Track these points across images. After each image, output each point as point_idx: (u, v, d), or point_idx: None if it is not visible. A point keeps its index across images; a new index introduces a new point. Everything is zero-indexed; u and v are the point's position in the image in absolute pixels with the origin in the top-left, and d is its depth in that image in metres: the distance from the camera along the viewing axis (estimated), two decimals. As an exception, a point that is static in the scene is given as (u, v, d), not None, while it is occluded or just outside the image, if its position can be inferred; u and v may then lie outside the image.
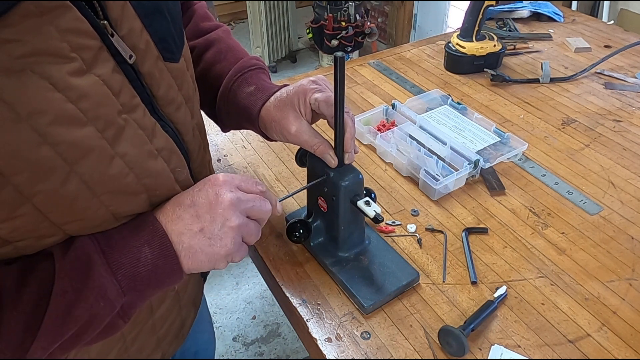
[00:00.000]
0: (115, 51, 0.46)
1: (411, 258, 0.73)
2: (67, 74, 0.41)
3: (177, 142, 0.55)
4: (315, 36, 2.86)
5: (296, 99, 0.64)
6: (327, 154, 0.64)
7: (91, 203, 0.46)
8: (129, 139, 0.47)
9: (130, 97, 0.47)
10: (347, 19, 2.71)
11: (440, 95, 1.07)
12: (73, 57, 0.42)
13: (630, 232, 0.77)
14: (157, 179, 0.51)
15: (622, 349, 0.62)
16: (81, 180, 0.44)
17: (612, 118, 1.02)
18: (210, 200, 0.51)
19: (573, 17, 1.44)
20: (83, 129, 0.43)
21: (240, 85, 0.69)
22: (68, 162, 0.42)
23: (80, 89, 0.42)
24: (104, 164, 0.45)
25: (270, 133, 0.68)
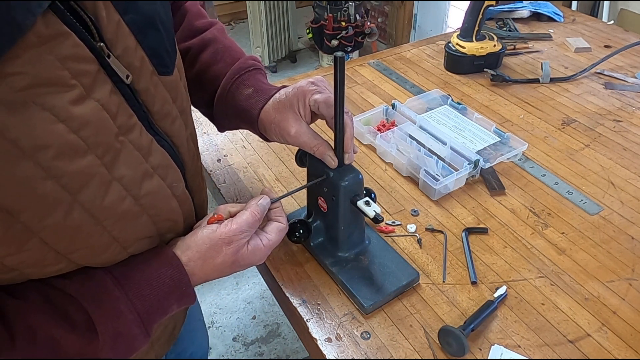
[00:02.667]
0: (112, 72, 0.45)
1: (411, 258, 0.73)
2: (69, 103, 0.41)
3: (173, 155, 0.54)
4: (315, 36, 2.86)
5: (295, 101, 0.64)
6: (327, 154, 0.64)
7: (94, 230, 0.46)
8: (125, 162, 0.47)
9: (127, 118, 0.47)
10: (347, 19, 2.71)
11: (440, 95, 1.07)
12: (73, 85, 0.41)
13: (630, 232, 0.77)
14: (155, 197, 0.51)
15: (622, 349, 0.62)
16: (83, 209, 0.44)
17: (612, 118, 1.02)
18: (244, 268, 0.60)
19: (573, 17, 1.44)
20: (84, 158, 0.42)
21: (238, 87, 0.68)
22: (71, 193, 0.42)
23: (81, 118, 0.42)
24: (103, 190, 0.45)
25: (269, 135, 0.67)
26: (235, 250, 0.56)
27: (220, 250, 0.56)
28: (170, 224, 0.56)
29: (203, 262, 0.55)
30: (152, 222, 0.52)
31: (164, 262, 0.53)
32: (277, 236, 0.61)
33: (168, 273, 0.53)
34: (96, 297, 0.48)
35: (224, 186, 0.87)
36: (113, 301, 0.49)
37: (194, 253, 0.55)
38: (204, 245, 0.55)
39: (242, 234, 0.57)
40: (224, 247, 0.56)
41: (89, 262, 0.49)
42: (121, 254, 0.51)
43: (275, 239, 0.61)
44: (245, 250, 0.57)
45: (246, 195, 0.85)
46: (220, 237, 0.56)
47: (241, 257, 0.57)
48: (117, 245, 0.49)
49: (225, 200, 0.84)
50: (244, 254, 0.57)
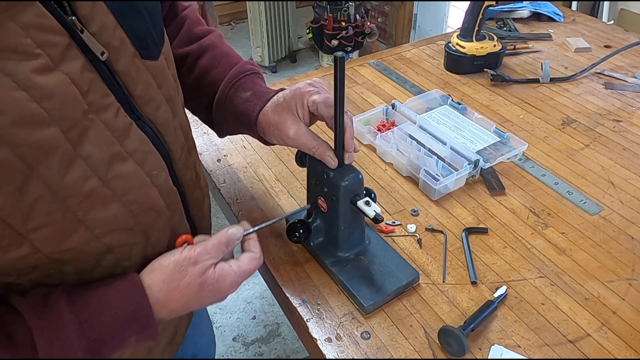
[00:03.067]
0: (86, 48, 0.44)
1: (411, 258, 0.73)
2: (32, 72, 0.40)
3: (156, 143, 0.53)
4: (315, 36, 2.86)
5: (294, 103, 0.64)
6: (327, 155, 0.64)
7: (55, 208, 0.44)
8: (94, 140, 0.45)
9: (100, 96, 0.46)
10: (347, 19, 2.71)
11: (440, 95, 1.07)
12: (38, 54, 0.40)
13: (630, 232, 0.77)
14: (127, 182, 0.49)
15: (622, 349, 0.62)
16: (42, 182, 0.42)
17: (612, 118, 1.02)
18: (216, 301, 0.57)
19: (573, 17, 1.44)
20: (46, 130, 0.41)
21: (236, 91, 0.68)
22: (28, 164, 0.41)
23: (45, 88, 0.41)
24: (65, 166, 0.44)
25: (268, 137, 0.67)
26: (201, 271, 0.53)
27: (185, 271, 0.53)
28: (152, 216, 0.54)
29: (168, 285, 0.52)
30: (128, 211, 0.50)
31: (126, 285, 0.51)
32: (249, 264, 0.58)
33: (128, 298, 0.50)
34: (45, 318, 0.46)
35: (224, 186, 0.87)
36: (62, 325, 0.47)
37: (158, 275, 0.52)
38: (169, 267, 0.53)
39: (208, 255, 0.54)
40: (189, 268, 0.53)
41: (55, 247, 0.46)
42: (94, 243, 0.49)
43: (246, 267, 0.57)
44: (212, 273, 0.54)
45: (246, 195, 0.85)
46: (186, 258, 0.53)
47: (208, 278, 0.54)
48: (86, 229, 0.47)
49: (225, 201, 0.84)
50: (211, 276, 0.54)
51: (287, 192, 0.85)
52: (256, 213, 0.81)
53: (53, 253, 0.47)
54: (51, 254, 0.46)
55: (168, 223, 0.57)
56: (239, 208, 0.82)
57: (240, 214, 0.81)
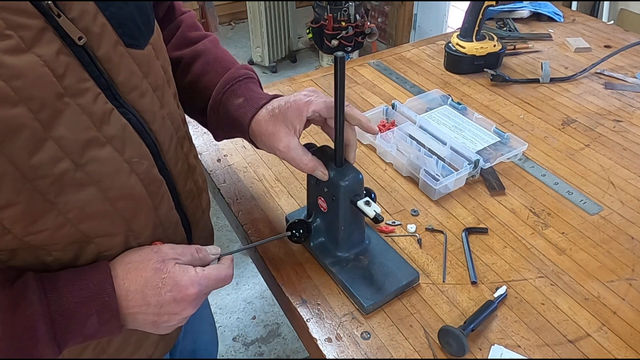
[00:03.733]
0: (63, 33, 0.45)
1: (411, 258, 0.73)
2: (1, 52, 0.40)
3: (140, 130, 0.53)
4: (315, 36, 2.86)
5: (290, 115, 0.64)
6: (318, 170, 0.64)
7: (21, 187, 0.44)
8: (68, 124, 0.46)
9: (77, 81, 0.46)
10: (347, 19, 2.72)
11: (440, 95, 1.07)
12: (8, 35, 0.41)
13: (630, 232, 0.77)
14: (104, 167, 0.49)
15: (622, 349, 0.62)
16: (8, 161, 0.43)
17: (612, 118, 1.02)
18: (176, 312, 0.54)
19: (573, 17, 1.44)
20: (13, 109, 0.42)
21: (229, 97, 0.68)
22: None
23: (14, 68, 0.41)
24: (34, 146, 0.44)
25: (260, 145, 0.67)
26: (160, 259, 0.53)
27: (146, 256, 0.54)
28: (131, 204, 0.54)
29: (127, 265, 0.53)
30: (104, 197, 0.50)
31: (94, 267, 0.52)
32: (214, 270, 0.56)
33: (92, 277, 0.50)
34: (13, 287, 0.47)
35: (224, 186, 0.87)
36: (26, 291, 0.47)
37: (125, 264, 0.53)
38: (134, 256, 0.54)
39: (173, 249, 0.55)
40: (151, 254, 0.54)
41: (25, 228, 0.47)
42: (68, 228, 0.49)
43: (211, 272, 0.56)
44: (172, 265, 0.54)
45: (246, 195, 0.85)
46: (151, 247, 0.55)
47: (165, 267, 0.53)
48: (58, 213, 0.48)
49: (225, 201, 0.84)
50: (170, 266, 0.53)
51: (287, 192, 0.85)
52: (256, 213, 0.81)
53: (25, 235, 0.47)
54: (23, 236, 0.47)
55: (153, 213, 0.57)
56: (239, 208, 0.82)
57: (240, 214, 0.81)
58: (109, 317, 0.50)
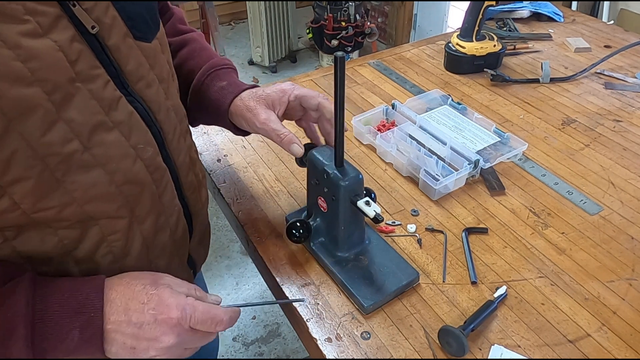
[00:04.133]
0: (77, 21, 0.47)
1: (411, 258, 0.73)
2: (19, 34, 0.42)
3: (146, 119, 0.55)
4: (315, 36, 2.86)
5: (273, 96, 0.69)
6: (294, 143, 0.67)
7: (33, 163, 0.46)
8: (78, 107, 0.47)
9: (89, 67, 0.48)
10: (347, 19, 2.72)
11: (440, 95, 1.07)
12: (26, 20, 0.43)
13: (630, 232, 0.77)
14: (110, 150, 0.51)
15: (622, 349, 0.62)
16: (21, 137, 0.44)
17: (612, 118, 1.02)
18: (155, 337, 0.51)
19: (573, 17, 1.44)
20: (28, 88, 0.43)
21: (212, 80, 0.73)
22: (8, 116, 0.43)
23: (31, 50, 0.43)
24: (46, 126, 0.45)
25: (238, 122, 0.71)
26: (156, 280, 0.54)
27: (144, 275, 0.54)
28: (136, 189, 0.55)
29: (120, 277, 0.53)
30: (110, 180, 0.52)
31: (88, 280, 0.52)
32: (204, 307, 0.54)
33: (85, 289, 0.50)
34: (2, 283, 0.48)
35: (224, 186, 0.87)
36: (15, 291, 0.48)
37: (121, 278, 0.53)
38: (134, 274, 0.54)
39: (169, 277, 0.55)
40: (149, 275, 0.54)
41: (34, 204, 0.47)
42: (74, 207, 0.50)
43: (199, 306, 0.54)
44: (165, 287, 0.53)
45: (246, 195, 0.85)
46: (151, 272, 0.55)
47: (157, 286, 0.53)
48: (65, 191, 0.49)
49: (225, 201, 0.84)
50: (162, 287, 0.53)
51: (287, 192, 0.85)
52: (256, 213, 0.81)
53: (33, 211, 0.48)
54: (31, 212, 0.48)
55: (156, 200, 0.58)
56: (239, 208, 0.82)
57: (240, 214, 0.81)
58: (91, 336, 0.49)
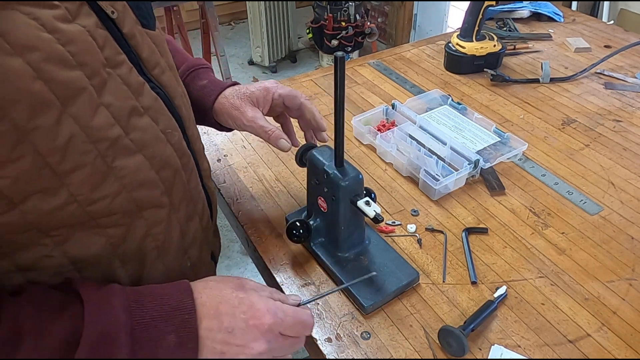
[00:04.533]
0: (97, 8, 0.47)
1: (411, 258, 0.73)
2: (54, 19, 0.42)
3: (167, 104, 0.56)
4: (315, 36, 2.86)
5: (257, 94, 0.71)
6: (281, 139, 0.70)
7: (87, 149, 0.45)
8: (113, 92, 0.47)
9: (114, 53, 0.48)
10: (347, 19, 2.71)
11: (440, 95, 1.07)
12: (57, 5, 0.43)
13: (630, 232, 0.77)
14: (145, 135, 0.51)
15: (622, 349, 0.62)
16: (74, 121, 0.44)
17: (612, 118, 1.02)
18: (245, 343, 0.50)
19: (573, 17, 1.44)
20: (73, 72, 0.43)
21: (193, 79, 0.74)
22: (60, 100, 0.43)
23: (68, 34, 0.43)
24: (92, 110, 0.45)
25: (224, 120, 0.72)
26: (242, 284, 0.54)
27: (229, 279, 0.54)
28: (171, 172, 0.55)
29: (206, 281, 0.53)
30: (150, 166, 0.52)
31: (175, 285, 0.51)
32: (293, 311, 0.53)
33: (176, 294, 0.50)
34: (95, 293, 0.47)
35: (224, 186, 0.87)
36: (111, 295, 0.47)
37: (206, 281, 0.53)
38: (217, 278, 0.54)
39: (253, 282, 0.55)
40: (233, 279, 0.54)
41: (89, 194, 0.47)
42: (124, 195, 0.50)
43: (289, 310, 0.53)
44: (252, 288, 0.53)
45: (246, 195, 0.85)
46: (234, 277, 0.55)
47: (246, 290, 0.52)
48: (115, 178, 0.48)
49: (225, 201, 0.84)
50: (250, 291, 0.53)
51: (287, 192, 0.85)
52: (256, 213, 0.81)
53: (88, 203, 0.47)
54: (86, 204, 0.47)
55: (186, 186, 0.59)
56: (239, 208, 0.82)
57: (240, 214, 0.81)
58: (187, 339, 0.48)
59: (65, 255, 0.49)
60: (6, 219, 0.44)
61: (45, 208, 0.45)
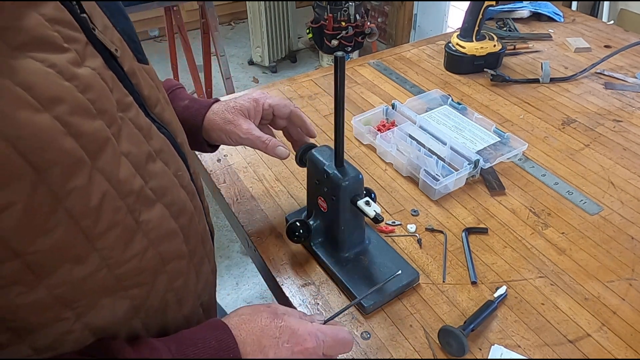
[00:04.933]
0: (101, 47, 0.44)
1: (411, 258, 0.73)
2: (69, 63, 0.39)
3: (173, 144, 0.53)
4: (315, 36, 2.85)
5: (247, 106, 0.71)
6: (279, 147, 0.69)
7: (117, 205, 0.42)
8: (128, 139, 0.44)
9: (122, 95, 0.45)
10: (347, 19, 2.71)
11: (440, 95, 1.07)
12: (67, 48, 0.39)
13: (630, 232, 0.77)
14: (162, 181, 0.48)
15: (622, 349, 0.62)
16: (103, 176, 0.40)
17: (612, 118, 1.02)
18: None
19: (573, 17, 1.44)
20: (95, 122, 0.40)
21: (173, 100, 0.72)
22: (89, 155, 0.39)
23: (84, 80, 0.40)
24: (117, 162, 0.42)
25: (216, 136, 0.70)
26: (274, 311, 0.53)
27: (258, 309, 0.53)
28: (187, 219, 0.53)
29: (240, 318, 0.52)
30: (169, 214, 0.49)
31: (209, 325, 0.50)
32: (332, 331, 0.53)
33: (214, 335, 0.48)
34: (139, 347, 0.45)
35: (224, 186, 0.87)
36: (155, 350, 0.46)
37: (239, 316, 0.52)
38: (247, 309, 0.53)
39: (282, 307, 0.54)
40: (264, 307, 0.53)
41: (120, 255, 0.44)
42: (151, 252, 0.47)
43: (327, 330, 0.53)
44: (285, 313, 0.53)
45: (246, 195, 0.85)
46: (260, 304, 0.54)
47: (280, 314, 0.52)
48: (143, 235, 0.45)
49: (225, 201, 0.84)
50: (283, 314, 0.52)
51: (287, 192, 0.85)
52: (256, 213, 0.81)
53: (117, 265, 0.44)
54: (115, 267, 0.44)
55: (197, 229, 0.56)
56: (239, 208, 0.82)
57: (240, 214, 0.81)
58: None
59: (86, 328, 0.44)
60: (30, 297, 0.39)
61: (73, 278, 0.41)
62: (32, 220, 0.37)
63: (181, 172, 0.53)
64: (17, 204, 0.35)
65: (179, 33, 2.25)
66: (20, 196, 0.35)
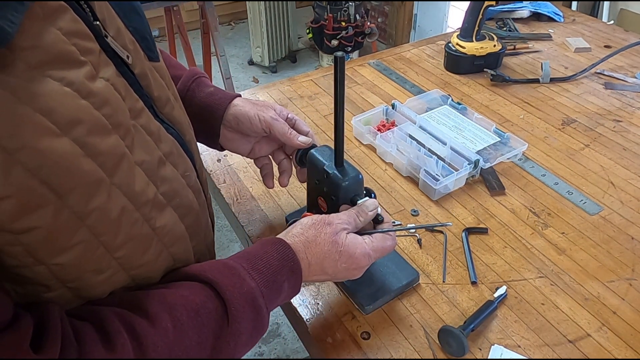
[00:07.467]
0: (112, 54, 0.44)
1: (411, 258, 0.73)
2: (85, 78, 0.39)
3: (181, 143, 0.53)
4: (315, 36, 2.85)
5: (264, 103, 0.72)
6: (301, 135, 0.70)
7: (135, 218, 0.43)
8: (141, 146, 0.45)
9: (134, 101, 0.45)
10: (347, 19, 2.71)
11: (440, 95, 1.07)
12: (84, 62, 0.39)
13: (630, 232, 0.77)
14: (172, 185, 0.49)
15: (622, 349, 0.62)
16: (121, 192, 0.41)
17: (612, 118, 1.02)
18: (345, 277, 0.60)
19: (573, 17, 1.44)
20: (110, 138, 0.40)
21: (198, 86, 0.72)
22: (107, 173, 0.40)
23: (99, 95, 0.40)
24: (132, 174, 0.43)
25: (237, 124, 0.70)
26: (334, 231, 0.57)
27: (320, 228, 0.57)
28: (193, 218, 0.54)
29: (305, 237, 0.57)
30: (178, 217, 0.50)
31: (267, 242, 0.55)
32: (382, 241, 0.60)
33: (274, 249, 0.54)
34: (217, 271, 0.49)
35: (224, 186, 0.87)
36: (236, 273, 0.50)
37: (297, 229, 0.57)
38: (307, 223, 0.58)
39: (339, 219, 0.58)
40: (324, 226, 0.57)
41: (133, 263, 0.45)
42: (164, 254, 0.49)
43: (379, 243, 0.59)
44: (344, 236, 0.57)
45: (246, 195, 0.85)
46: (321, 217, 0.59)
47: (340, 239, 0.57)
48: (158, 240, 0.47)
49: (225, 201, 0.84)
50: (343, 238, 0.57)
51: (287, 192, 0.85)
52: (256, 213, 0.81)
53: (133, 268, 0.46)
54: (131, 269, 0.46)
55: (201, 226, 0.58)
56: (239, 208, 0.82)
57: (240, 214, 0.81)
58: (296, 282, 0.55)
59: None
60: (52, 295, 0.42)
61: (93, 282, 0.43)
62: (55, 239, 0.38)
63: (188, 172, 0.54)
64: (41, 227, 0.37)
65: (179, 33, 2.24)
66: (44, 221, 0.37)
